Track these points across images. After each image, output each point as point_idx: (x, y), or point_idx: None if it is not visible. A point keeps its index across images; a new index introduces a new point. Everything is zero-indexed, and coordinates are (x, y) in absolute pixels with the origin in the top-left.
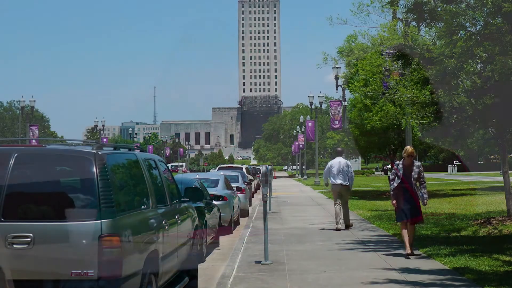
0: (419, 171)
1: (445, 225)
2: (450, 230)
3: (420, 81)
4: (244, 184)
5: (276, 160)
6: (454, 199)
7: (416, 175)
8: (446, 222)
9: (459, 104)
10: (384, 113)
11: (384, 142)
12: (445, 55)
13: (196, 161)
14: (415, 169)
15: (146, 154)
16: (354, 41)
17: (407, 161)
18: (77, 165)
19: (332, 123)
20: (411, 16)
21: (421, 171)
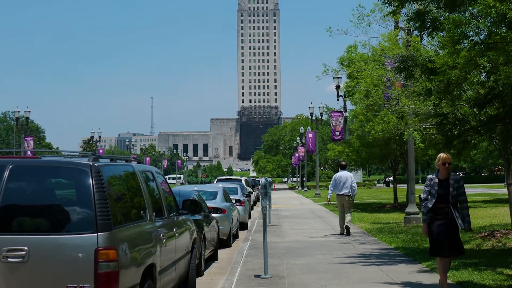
0: (459, 186)
1: None
2: None
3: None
4: (243, 196)
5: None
6: None
7: (455, 191)
8: None
9: (463, 115)
10: (386, 125)
11: (386, 153)
12: (448, 66)
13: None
14: (454, 183)
15: (143, 166)
16: (354, 51)
17: (442, 173)
18: (73, 177)
19: (333, 134)
20: (413, 25)
21: (461, 185)
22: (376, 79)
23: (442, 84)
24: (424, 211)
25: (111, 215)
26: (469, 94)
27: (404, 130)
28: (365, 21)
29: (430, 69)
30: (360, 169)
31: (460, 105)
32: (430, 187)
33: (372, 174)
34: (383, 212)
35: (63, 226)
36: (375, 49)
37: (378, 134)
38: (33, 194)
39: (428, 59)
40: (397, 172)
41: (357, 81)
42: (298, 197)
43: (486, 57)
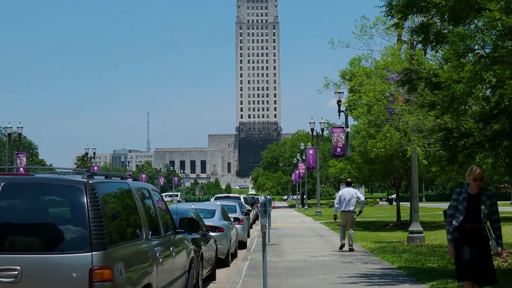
0: (492, 203)
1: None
2: None
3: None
4: (242, 214)
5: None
6: None
7: (487, 209)
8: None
9: (467, 130)
10: (389, 140)
11: (388, 170)
12: (453, 80)
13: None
14: (486, 200)
15: (139, 183)
16: (358, 64)
17: (474, 188)
18: (66, 194)
19: (334, 150)
20: (417, 38)
21: (494, 202)
22: (378, 94)
23: (447, 99)
24: (450, 229)
25: (106, 234)
26: (474, 109)
27: (407, 147)
28: (367, 34)
29: (434, 83)
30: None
31: (465, 120)
32: (458, 203)
33: (374, 191)
34: (386, 230)
35: (56, 245)
36: (378, 63)
37: (380, 151)
38: (26, 212)
39: (433, 73)
40: (400, 189)
41: (359, 95)
42: (298, 215)
43: (492, 71)
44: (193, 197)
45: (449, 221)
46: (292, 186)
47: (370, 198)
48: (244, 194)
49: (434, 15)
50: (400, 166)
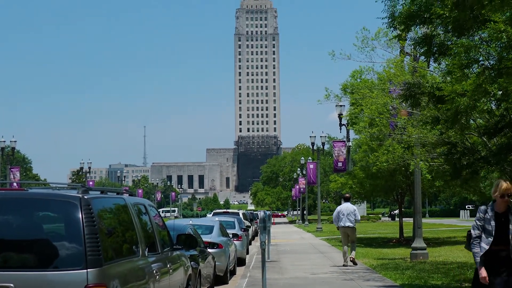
0: None
1: (457, 275)
2: (462, 280)
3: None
4: (240, 230)
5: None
6: None
7: None
8: (458, 272)
9: (472, 144)
10: (391, 155)
11: (391, 185)
12: (456, 93)
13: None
14: None
15: (135, 199)
16: (359, 77)
17: (501, 206)
18: (61, 210)
19: (336, 165)
20: (420, 50)
21: None
22: (381, 107)
23: (450, 113)
24: (479, 252)
25: (102, 250)
26: (478, 123)
27: (410, 161)
28: (369, 45)
29: (438, 97)
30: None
31: (469, 134)
32: (484, 222)
33: (376, 207)
34: (388, 247)
35: (51, 261)
36: (380, 75)
37: (383, 165)
38: (19, 228)
39: (436, 86)
40: (403, 205)
41: (361, 108)
42: (298, 231)
43: (497, 84)
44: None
45: (476, 243)
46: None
47: (372, 214)
48: (243, 210)
49: (438, 27)
50: (403, 181)
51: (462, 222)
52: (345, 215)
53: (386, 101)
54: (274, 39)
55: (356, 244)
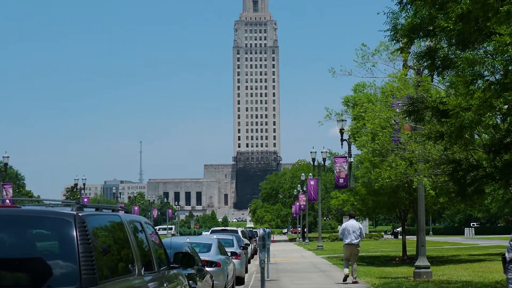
0: None
1: None
2: None
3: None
4: (239, 248)
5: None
6: (471, 266)
7: None
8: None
9: (476, 160)
10: (394, 171)
11: (394, 202)
12: (461, 108)
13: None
14: None
15: (131, 216)
16: (362, 90)
17: None
18: (55, 227)
19: (337, 181)
20: (423, 63)
21: None
22: (383, 121)
23: (455, 128)
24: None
25: (97, 269)
26: (483, 138)
27: (413, 177)
28: (370, 61)
29: (442, 111)
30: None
31: (474, 150)
32: None
33: (379, 224)
34: (391, 265)
35: (44, 280)
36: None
37: (385, 181)
38: (12, 246)
39: (440, 101)
40: (406, 222)
41: (364, 122)
42: (299, 250)
43: (503, 98)
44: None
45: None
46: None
47: (374, 232)
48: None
49: (441, 40)
50: (406, 197)
51: (466, 240)
52: (351, 232)
53: (389, 115)
54: (273, 52)
55: (357, 262)
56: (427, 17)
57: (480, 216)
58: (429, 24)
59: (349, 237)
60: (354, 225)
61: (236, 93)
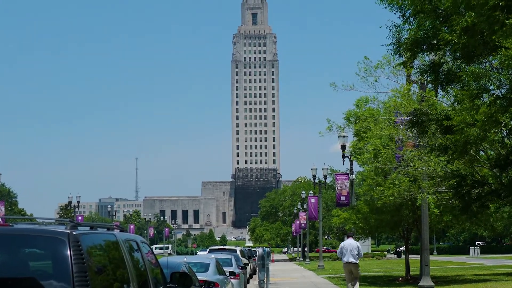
0: None
1: None
2: None
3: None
4: (238, 268)
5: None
6: (476, 286)
7: None
8: None
9: (482, 177)
10: (397, 188)
11: (397, 220)
12: (466, 123)
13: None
14: None
15: (127, 235)
16: (364, 105)
17: None
18: (48, 246)
19: (338, 199)
20: (427, 78)
21: None
22: (386, 138)
23: (460, 144)
24: None
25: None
26: (489, 154)
27: (417, 195)
28: (372, 75)
29: (446, 126)
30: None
31: (479, 166)
32: None
33: (381, 243)
34: (394, 285)
35: None
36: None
37: (388, 199)
38: (4, 265)
39: (444, 115)
40: (410, 241)
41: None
42: (299, 269)
43: (509, 113)
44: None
45: None
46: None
47: (377, 251)
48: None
49: (446, 53)
50: (409, 216)
51: (471, 260)
52: (348, 251)
53: (392, 132)
54: (273, 66)
55: (359, 282)
56: (430, 30)
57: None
58: (432, 37)
59: (347, 256)
60: (351, 244)
61: (235, 108)
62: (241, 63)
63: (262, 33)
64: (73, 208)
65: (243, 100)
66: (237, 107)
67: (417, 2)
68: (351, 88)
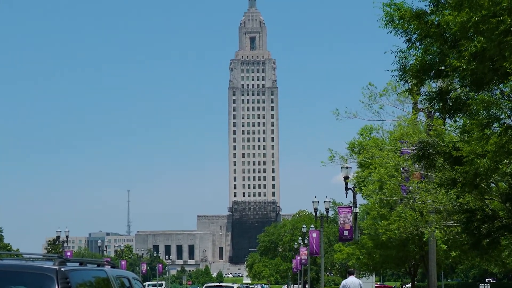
0: None
1: None
2: None
3: (446, 182)
4: None
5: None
6: None
7: None
8: None
9: (492, 210)
10: (403, 222)
11: (403, 256)
12: (476, 154)
13: (178, 279)
14: None
15: (118, 271)
16: (368, 135)
17: None
18: (36, 283)
19: (341, 233)
20: (434, 106)
21: None
22: (391, 169)
23: (469, 175)
24: None
25: None
26: (500, 187)
27: (424, 229)
28: (377, 102)
29: (455, 157)
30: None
31: (490, 199)
32: None
33: (386, 280)
34: None
35: None
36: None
37: (394, 233)
38: None
39: (452, 146)
40: (416, 278)
41: (370, 171)
42: None
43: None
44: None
45: None
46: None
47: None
48: (238, 283)
49: (454, 80)
50: (416, 251)
51: None
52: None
53: (397, 162)
54: (272, 93)
55: None
56: (437, 55)
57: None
58: (440, 63)
59: None
60: (354, 282)
61: (232, 138)
62: (239, 90)
63: (261, 58)
64: (61, 243)
65: (241, 129)
66: (234, 136)
67: (423, 26)
68: (355, 116)
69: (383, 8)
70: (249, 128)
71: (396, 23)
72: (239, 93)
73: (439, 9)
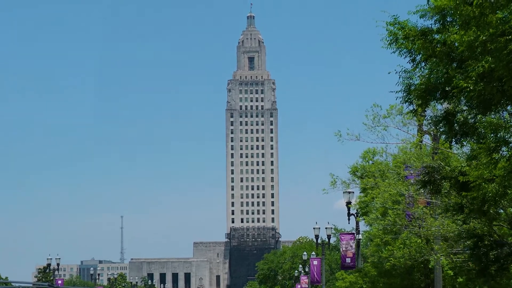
0: None
1: None
2: None
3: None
4: None
5: None
6: None
7: None
8: None
9: (500, 236)
10: (408, 249)
11: (408, 284)
12: (483, 179)
13: None
14: None
15: None
16: (371, 158)
17: None
18: None
19: (343, 261)
20: (440, 129)
21: None
22: (395, 195)
23: (477, 201)
24: None
25: None
26: (508, 212)
27: (429, 256)
28: (381, 124)
29: (462, 183)
30: None
31: (498, 225)
32: None
33: None
34: None
35: None
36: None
37: (398, 261)
38: None
39: (459, 171)
40: None
41: (372, 196)
42: None
43: None
44: None
45: None
46: None
47: None
48: None
49: (460, 101)
50: (422, 279)
51: None
52: None
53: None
54: (271, 115)
55: None
56: (443, 76)
57: None
58: (446, 84)
59: None
60: None
61: (230, 161)
62: (237, 112)
63: (260, 79)
64: (52, 271)
65: (239, 152)
66: (232, 160)
67: (429, 46)
68: (357, 138)
69: (386, 27)
70: (248, 151)
71: (400, 43)
72: (237, 115)
73: (445, 27)
